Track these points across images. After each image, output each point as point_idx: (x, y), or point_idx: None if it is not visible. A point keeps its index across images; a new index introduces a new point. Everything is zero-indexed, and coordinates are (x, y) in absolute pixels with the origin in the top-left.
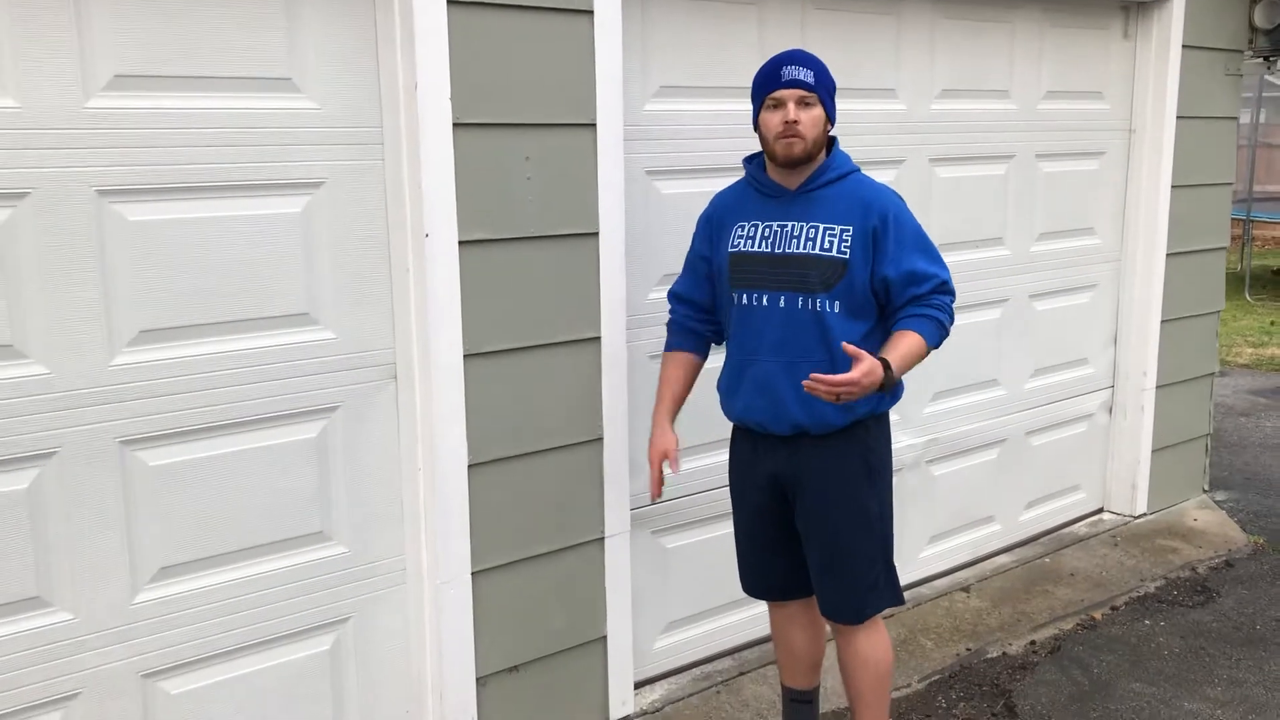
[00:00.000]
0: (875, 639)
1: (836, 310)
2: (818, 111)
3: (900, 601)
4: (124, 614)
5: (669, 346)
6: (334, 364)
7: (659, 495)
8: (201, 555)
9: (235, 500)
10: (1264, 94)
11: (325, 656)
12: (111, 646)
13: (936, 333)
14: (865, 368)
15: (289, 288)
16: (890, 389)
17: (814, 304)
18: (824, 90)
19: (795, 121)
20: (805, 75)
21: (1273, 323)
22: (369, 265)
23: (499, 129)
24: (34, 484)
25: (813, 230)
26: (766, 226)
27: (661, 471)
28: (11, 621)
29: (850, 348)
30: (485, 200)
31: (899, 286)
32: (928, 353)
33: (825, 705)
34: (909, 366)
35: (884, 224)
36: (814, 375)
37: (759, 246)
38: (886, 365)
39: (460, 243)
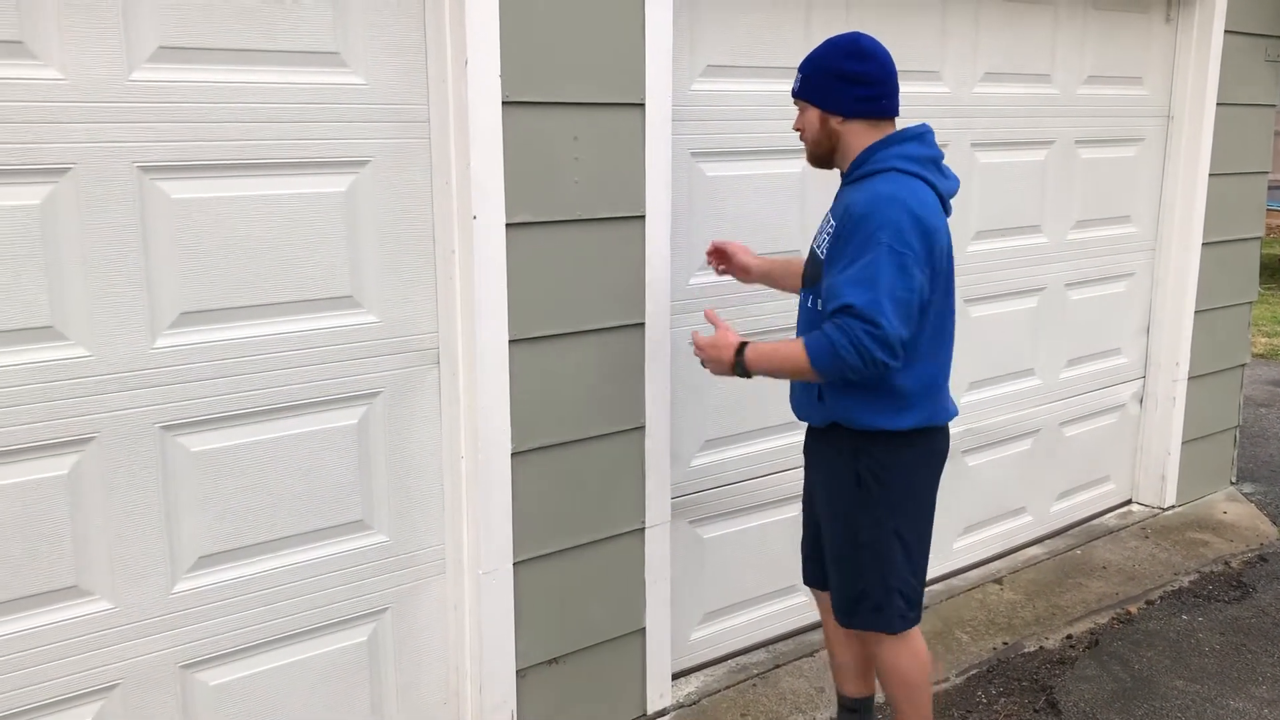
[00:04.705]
0: (894, 651)
1: (822, 309)
2: (810, 114)
3: (893, 631)
4: (163, 604)
5: None
6: (376, 348)
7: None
8: (241, 544)
9: (275, 488)
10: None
11: (363, 648)
12: (150, 637)
13: (824, 352)
14: (713, 339)
15: (332, 270)
16: (742, 373)
17: (812, 301)
18: (811, 90)
19: (799, 129)
20: (794, 83)
21: None
22: (413, 247)
23: (548, 107)
24: (73, 470)
25: (824, 225)
26: (823, 220)
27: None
28: (50, 610)
29: (709, 313)
30: (533, 181)
31: (824, 295)
32: (808, 368)
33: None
34: (773, 368)
35: (846, 226)
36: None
37: (811, 241)
38: (742, 348)
39: (507, 225)
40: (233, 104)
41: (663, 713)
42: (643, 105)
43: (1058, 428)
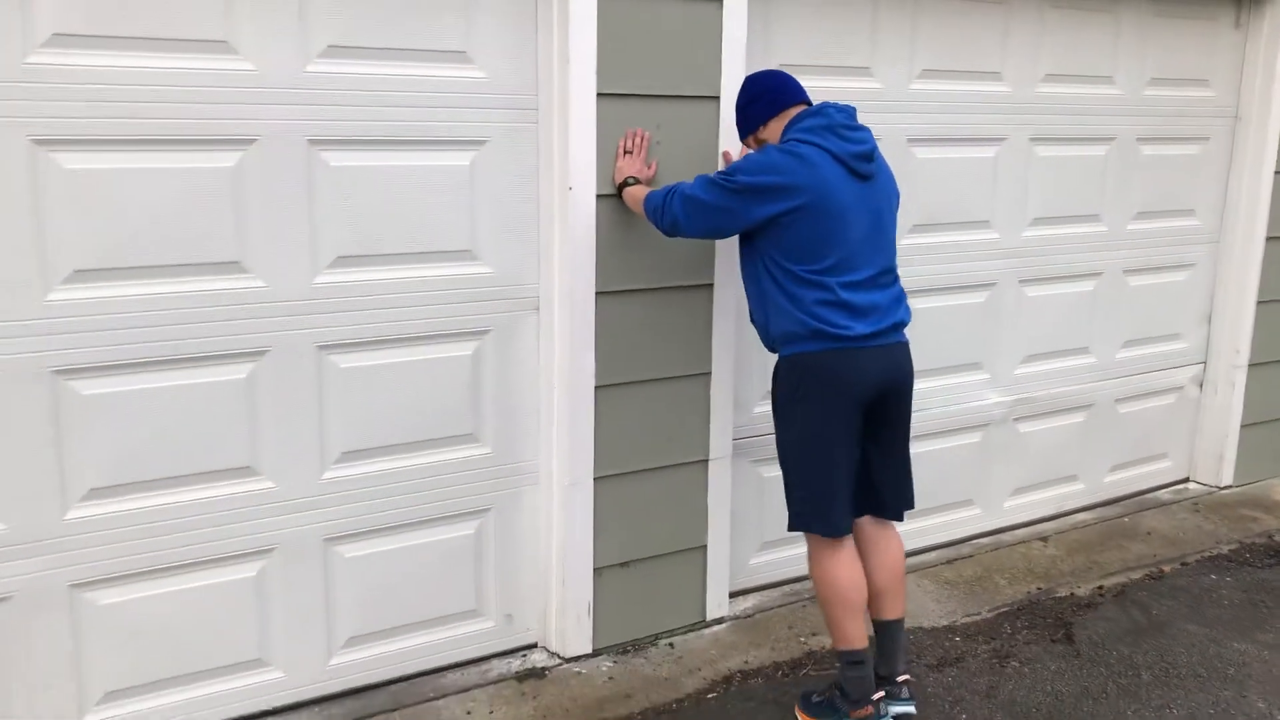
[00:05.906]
0: (813, 556)
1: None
2: (750, 141)
3: (818, 532)
4: (314, 487)
5: None
6: (488, 294)
7: None
8: (375, 445)
9: (404, 401)
10: None
11: (470, 539)
12: (302, 513)
13: (650, 200)
14: (627, 159)
15: (455, 227)
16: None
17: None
18: (741, 130)
19: None
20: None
21: None
22: (520, 212)
23: (636, 99)
24: (250, 376)
25: None
26: None
27: None
28: (229, 485)
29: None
30: None
31: None
32: (642, 207)
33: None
34: (631, 200)
35: None
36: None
37: None
38: (627, 183)
39: (597, 196)
40: (383, 91)
41: (719, 620)
42: (718, 98)
43: (1112, 404)
